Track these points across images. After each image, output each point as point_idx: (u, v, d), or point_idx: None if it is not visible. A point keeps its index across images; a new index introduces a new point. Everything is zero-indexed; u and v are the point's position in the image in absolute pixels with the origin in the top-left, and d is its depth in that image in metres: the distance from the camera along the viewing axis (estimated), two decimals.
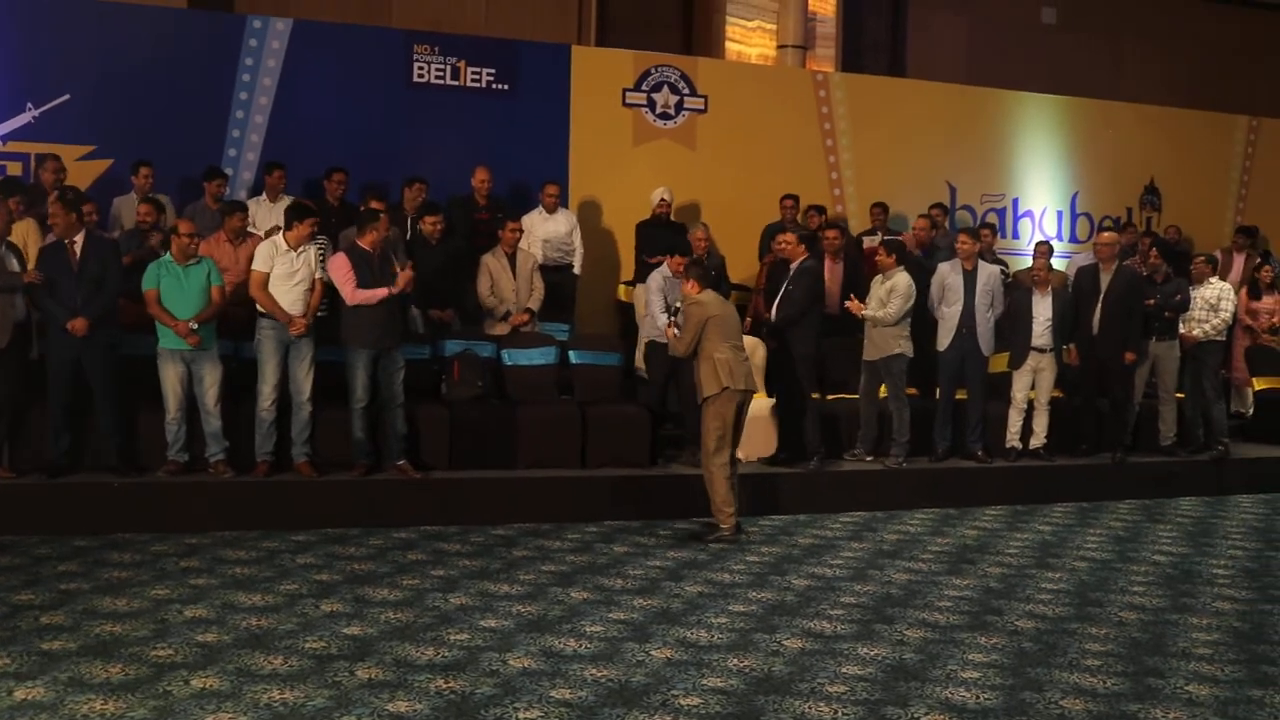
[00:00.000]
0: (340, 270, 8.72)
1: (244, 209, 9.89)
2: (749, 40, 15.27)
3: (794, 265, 9.79)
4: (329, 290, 8.94)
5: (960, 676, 5.67)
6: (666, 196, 11.72)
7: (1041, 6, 18.14)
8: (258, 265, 8.72)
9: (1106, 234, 11.35)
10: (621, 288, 12.45)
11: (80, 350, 8.35)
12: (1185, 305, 11.15)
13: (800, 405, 9.90)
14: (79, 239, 8.44)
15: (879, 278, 10.31)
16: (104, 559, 7.40)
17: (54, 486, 8.32)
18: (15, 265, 8.36)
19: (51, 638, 5.79)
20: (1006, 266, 12.16)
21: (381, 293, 8.67)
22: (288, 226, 8.86)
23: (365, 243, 8.83)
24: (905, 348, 10.12)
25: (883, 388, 10.28)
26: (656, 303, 9.81)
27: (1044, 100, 15.06)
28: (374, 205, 9.86)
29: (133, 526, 8.15)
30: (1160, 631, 6.55)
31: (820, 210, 12.50)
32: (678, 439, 10.08)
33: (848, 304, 10.14)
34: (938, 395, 10.67)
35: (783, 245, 9.99)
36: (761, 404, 10.31)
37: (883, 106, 14.05)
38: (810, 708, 5.17)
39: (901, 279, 10.16)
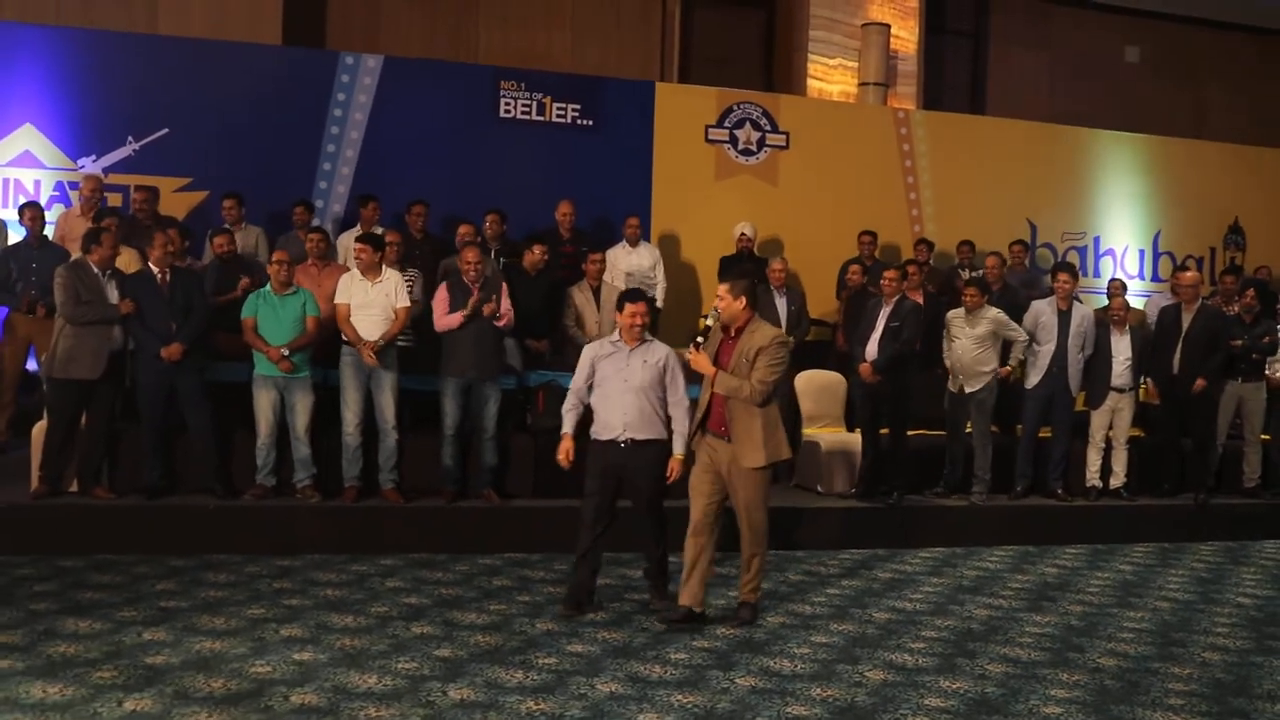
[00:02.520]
0: (436, 299, 9.02)
1: (320, 231, 10.17)
2: (830, 78, 15.38)
3: (893, 301, 9.87)
4: (422, 321, 9.22)
5: (1043, 712, 5.70)
6: (748, 231, 11.84)
7: (1124, 45, 18.11)
8: (338, 298, 8.94)
9: (1188, 274, 11.29)
10: (702, 321, 12.50)
11: (173, 376, 8.62)
12: (1274, 348, 11.04)
13: (898, 442, 9.97)
14: (166, 268, 8.73)
15: (960, 313, 10.32)
16: (200, 579, 7.61)
17: (152, 508, 8.58)
18: (116, 294, 8.64)
19: (155, 652, 5.98)
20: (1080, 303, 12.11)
21: (455, 318, 8.87)
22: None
23: (462, 273, 9.09)
24: (994, 381, 10.18)
25: (968, 422, 10.30)
26: (581, 377, 7.33)
27: (1126, 138, 15.02)
28: (461, 232, 10.12)
29: (226, 548, 8.35)
30: (1245, 673, 6.52)
31: (930, 245, 12.58)
32: None
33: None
34: (1019, 432, 10.68)
35: (888, 281, 10.00)
36: (840, 438, 10.42)
37: (964, 144, 14.11)
38: None
39: (999, 313, 10.26)
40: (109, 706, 5.17)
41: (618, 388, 7.10)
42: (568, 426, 7.27)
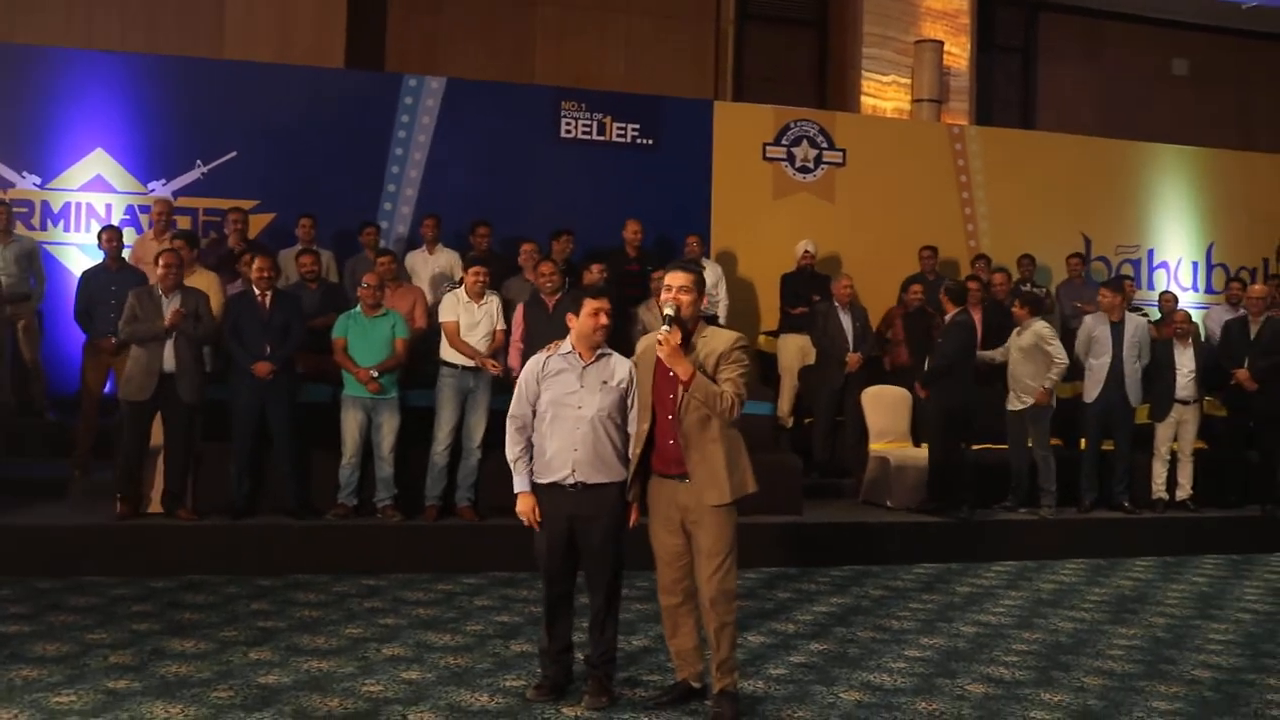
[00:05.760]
0: (515, 322, 9.40)
1: (389, 253, 10.34)
2: (884, 94, 15.48)
3: (946, 317, 9.95)
4: None
5: None
6: (811, 249, 11.92)
7: (1172, 57, 18.14)
8: (445, 317, 9.10)
9: (1257, 286, 11.41)
10: (763, 338, 12.66)
11: (265, 398, 8.74)
12: None
13: (947, 456, 10.01)
14: (269, 291, 8.86)
15: (1017, 330, 10.41)
16: (291, 598, 7.71)
17: (236, 528, 8.69)
18: (201, 311, 8.74)
19: (265, 672, 6.07)
20: (1146, 315, 12.14)
21: (515, 360, 9.18)
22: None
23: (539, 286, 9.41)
24: (1051, 397, 10.22)
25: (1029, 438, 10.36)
26: (524, 403, 5.67)
27: (1177, 151, 15.04)
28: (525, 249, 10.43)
29: (310, 568, 8.46)
30: None
31: (988, 260, 12.65)
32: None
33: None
34: (1082, 446, 10.72)
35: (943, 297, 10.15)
36: (907, 453, 10.49)
37: (1017, 159, 14.17)
38: None
39: (1044, 325, 10.30)
40: None
41: (568, 416, 5.55)
42: (522, 482, 5.69)
